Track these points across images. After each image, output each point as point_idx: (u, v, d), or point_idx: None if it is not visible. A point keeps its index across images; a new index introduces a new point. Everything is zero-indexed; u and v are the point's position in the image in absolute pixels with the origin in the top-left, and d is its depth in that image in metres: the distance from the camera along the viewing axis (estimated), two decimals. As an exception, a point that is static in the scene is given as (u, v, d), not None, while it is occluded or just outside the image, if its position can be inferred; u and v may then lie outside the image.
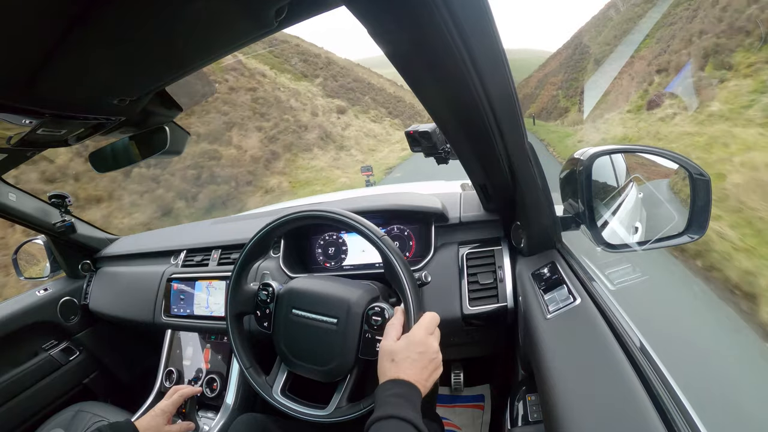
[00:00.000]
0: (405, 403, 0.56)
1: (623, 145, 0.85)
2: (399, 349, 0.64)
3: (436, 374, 0.64)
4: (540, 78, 55.47)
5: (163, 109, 0.66)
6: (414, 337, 0.65)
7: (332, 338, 0.77)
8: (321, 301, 0.81)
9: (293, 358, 0.81)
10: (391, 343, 0.65)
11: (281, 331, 0.82)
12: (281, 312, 0.83)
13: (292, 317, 0.81)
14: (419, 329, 0.66)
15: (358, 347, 0.76)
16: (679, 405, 0.43)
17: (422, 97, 0.55)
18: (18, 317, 1.27)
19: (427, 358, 0.63)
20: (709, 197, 0.72)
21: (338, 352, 0.76)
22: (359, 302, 0.78)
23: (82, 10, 0.33)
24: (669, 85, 17.61)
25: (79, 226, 1.38)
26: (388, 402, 0.57)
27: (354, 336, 0.76)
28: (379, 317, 0.76)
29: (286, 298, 0.83)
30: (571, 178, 0.79)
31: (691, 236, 0.74)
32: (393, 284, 0.77)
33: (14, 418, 1.22)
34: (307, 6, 0.42)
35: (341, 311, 0.78)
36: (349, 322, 0.77)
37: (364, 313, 0.77)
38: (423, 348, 0.63)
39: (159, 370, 1.21)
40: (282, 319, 0.82)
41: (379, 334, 0.74)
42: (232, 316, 0.87)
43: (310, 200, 1.81)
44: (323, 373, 0.78)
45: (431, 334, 0.67)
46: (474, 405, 1.49)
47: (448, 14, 0.38)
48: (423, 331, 0.66)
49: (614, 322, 0.57)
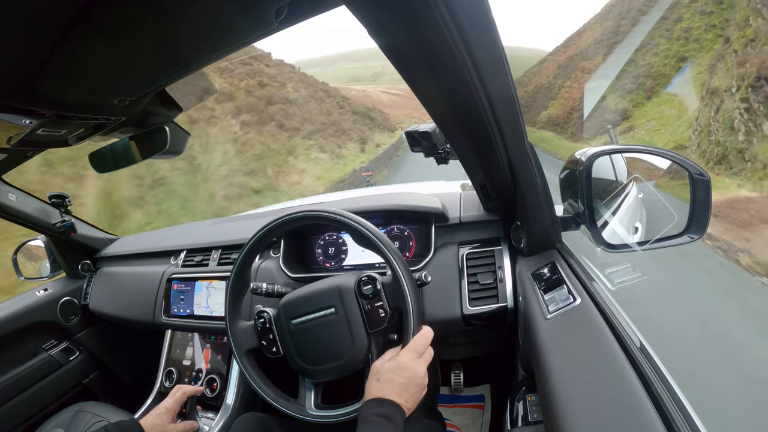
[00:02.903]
0: (387, 423, 0.58)
1: (623, 145, 0.85)
2: (385, 370, 0.66)
3: (420, 395, 0.66)
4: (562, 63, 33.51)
5: (163, 109, 0.66)
6: (401, 362, 0.66)
7: (337, 327, 0.77)
8: (312, 299, 0.81)
9: (311, 367, 0.80)
10: (380, 363, 0.68)
11: (290, 346, 0.81)
12: (283, 330, 0.82)
13: (294, 328, 0.81)
14: (407, 353, 0.68)
15: (365, 324, 0.76)
16: (679, 405, 0.43)
17: (422, 97, 0.55)
18: (18, 317, 1.27)
19: (412, 384, 0.65)
20: (709, 197, 0.72)
21: (347, 337, 0.77)
22: (347, 282, 0.79)
23: (82, 10, 0.34)
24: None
25: (79, 226, 1.38)
26: (371, 421, 0.58)
27: (356, 315, 0.77)
28: (370, 285, 0.77)
29: (282, 314, 0.82)
30: (571, 178, 0.79)
31: (691, 236, 0.74)
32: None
33: (14, 418, 1.22)
34: (307, 6, 0.42)
35: (334, 298, 0.78)
36: (346, 304, 0.77)
37: (355, 289, 0.78)
38: (409, 373, 0.65)
39: (159, 370, 1.21)
40: (286, 335, 0.82)
41: (378, 301, 0.76)
42: (242, 356, 0.86)
43: (310, 200, 1.81)
44: (344, 366, 0.77)
45: (420, 357, 0.68)
46: (474, 405, 1.49)
47: (448, 14, 0.38)
48: (411, 355, 0.68)
49: (614, 322, 0.57)
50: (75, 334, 1.43)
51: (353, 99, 38.07)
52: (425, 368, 0.68)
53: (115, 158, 0.77)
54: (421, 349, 0.69)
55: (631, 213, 1.00)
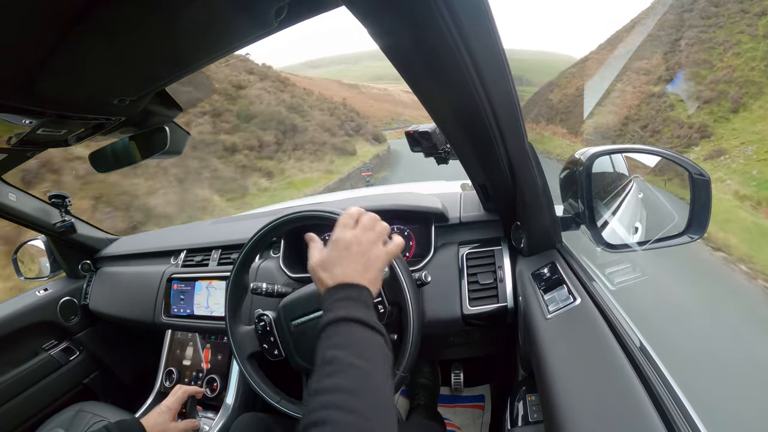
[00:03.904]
0: (354, 304, 0.50)
1: (623, 145, 0.85)
2: (325, 256, 0.55)
3: (378, 264, 0.56)
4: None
5: (163, 109, 0.66)
6: (336, 239, 0.56)
7: None
8: (311, 299, 0.81)
9: (306, 364, 0.80)
10: (317, 256, 0.56)
11: (292, 348, 0.81)
12: (283, 332, 0.82)
13: (294, 330, 0.81)
14: (337, 229, 0.58)
15: None
16: (679, 405, 0.43)
17: (422, 97, 0.55)
18: (18, 317, 1.27)
19: (358, 252, 0.54)
20: (709, 197, 0.72)
21: None
22: None
23: (82, 10, 0.34)
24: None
25: (79, 226, 1.38)
26: (333, 307, 0.50)
27: None
28: None
29: (282, 317, 0.82)
30: (571, 178, 0.79)
31: (691, 236, 0.74)
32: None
33: (14, 418, 1.22)
34: (307, 6, 0.42)
35: None
36: None
37: None
38: (346, 244, 0.55)
39: (159, 370, 1.21)
40: (287, 337, 0.82)
41: (376, 297, 0.73)
42: (244, 360, 0.86)
43: (310, 200, 1.81)
44: None
45: (353, 228, 0.58)
46: (474, 405, 1.49)
47: (449, 14, 0.38)
48: (341, 229, 0.57)
49: (614, 322, 0.57)
50: (75, 334, 1.43)
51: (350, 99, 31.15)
52: (368, 235, 0.57)
53: (116, 158, 0.77)
54: (350, 220, 0.58)
55: (631, 213, 1.00)
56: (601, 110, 19.95)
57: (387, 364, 0.47)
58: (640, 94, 18.83)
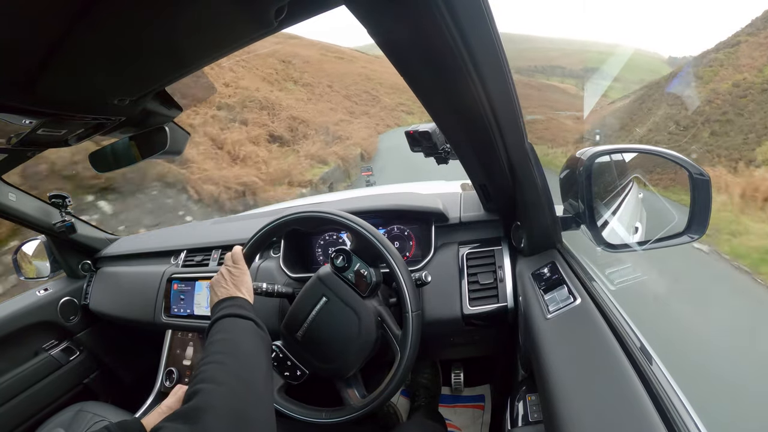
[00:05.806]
0: (234, 306, 0.66)
1: (623, 145, 0.85)
2: (213, 286, 0.74)
3: (243, 279, 0.73)
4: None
5: (163, 109, 0.66)
6: (218, 277, 0.75)
7: (337, 311, 0.79)
8: (304, 302, 0.82)
9: (335, 364, 0.80)
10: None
11: (308, 359, 0.82)
12: (295, 349, 0.83)
13: (302, 339, 0.81)
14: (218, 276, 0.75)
15: (357, 293, 0.79)
16: (679, 405, 0.43)
17: (422, 97, 0.55)
18: (18, 317, 1.27)
19: (224, 281, 0.72)
20: (709, 197, 0.72)
21: (350, 313, 0.78)
22: (324, 269, 0.83)
23: (82, 10, 0.33)
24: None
25: (79, 226, 1.38)
26: (218, 312, 0.65)
27: (345, 291, 0.79)
28: (341, 256, 0.81)
29: (287, 336, 0.83)
30: (572, 178, 0.79)
31: (691, 236, 0.74)
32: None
33: (14, 418, 1.22)
34: (307, 6, 0.42)
35: (320, 288, 0.81)
36: (332, 286, 0.80)
37: (332, 270, 0.81)
38: (229, 275, 0.73)
39: (159, 370, 1.21)
40: (300, 351, 0.82)
41: (355, 266, 0.80)
42: (276, 397, 0.83)
43: (311, 200, 1.81)
44: (363, 344, 0.78)
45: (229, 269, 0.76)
46: (474, 405, 1.49)
47: (449, 15, 0.38)
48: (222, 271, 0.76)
49: (614, 322, 0.57)
50: (75, 334, 1.43)
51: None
52: (223, 268, 0.75)
53: (116, 158, 0.77)
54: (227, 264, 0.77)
55: (631, 213, 1.00)
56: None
57: (254, 336, 0.61)
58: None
